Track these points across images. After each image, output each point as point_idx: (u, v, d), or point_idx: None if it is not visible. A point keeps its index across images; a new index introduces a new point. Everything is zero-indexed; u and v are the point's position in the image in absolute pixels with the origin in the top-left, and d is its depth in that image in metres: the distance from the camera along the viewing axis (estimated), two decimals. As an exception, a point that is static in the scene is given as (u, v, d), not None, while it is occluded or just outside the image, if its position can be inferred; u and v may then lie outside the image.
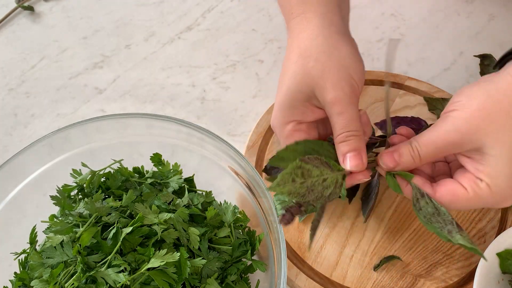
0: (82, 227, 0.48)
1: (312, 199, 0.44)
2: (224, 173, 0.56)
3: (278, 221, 0.44)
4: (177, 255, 0.46)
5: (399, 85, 0.70)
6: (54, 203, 0.52)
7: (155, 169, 0.57)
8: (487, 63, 0.72)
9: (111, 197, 0.52)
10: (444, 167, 0.49)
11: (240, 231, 0.54)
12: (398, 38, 0.62)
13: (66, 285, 0.45)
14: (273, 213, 0.49)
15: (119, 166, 0.56)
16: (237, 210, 0.53)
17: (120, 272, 0.45)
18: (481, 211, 0.59)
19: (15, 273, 0.50)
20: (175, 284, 0.46)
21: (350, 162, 0.45)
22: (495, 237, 0.56)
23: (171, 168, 0.56)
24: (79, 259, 0.46)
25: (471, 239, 0.57)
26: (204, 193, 0.56)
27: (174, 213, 0.50)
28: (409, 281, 0.55)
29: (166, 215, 0.49)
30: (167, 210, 0.51)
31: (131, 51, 0.77)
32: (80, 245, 0.47)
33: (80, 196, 0.54)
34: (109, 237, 0.47)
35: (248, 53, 0.76)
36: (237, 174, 0.55)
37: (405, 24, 0.79)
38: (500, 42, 0.76)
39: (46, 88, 0.73)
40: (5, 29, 0.80)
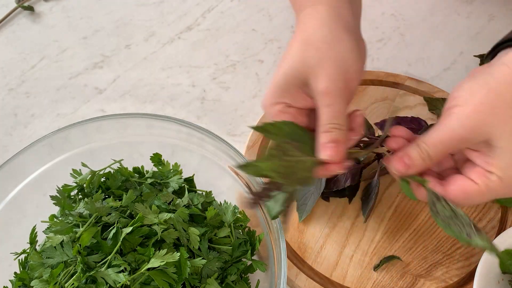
0: (82, 227, 0.48)
1: (288, 182, 0.44)
2: (224, 173, 0.56)
3: (246, 205, 0.43)
4: (177, 255, 0.46)
5: (399, 85, 0.70)
6: (54, 203, 0.52)
7: (155, 169, 0.57)
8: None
9: (111, 197, 0.52)
10: (449, 161, 0.49)
11: (240, 231, 0.54)
12: (395, 116, 0.65)
13: (66, 285, 0.45)
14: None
15: (119, 166, 0.56)
16: (237, 210, 0.53)
17: (120, 272, 0.45)
18: (481, 211, 0.59)
19: (15, 273, 0.50)
20: (175, 284, 0.46)
21: (325, 151, 0.45)
22: (495, 237, 0.56)
23: (171, 168, 0.56)
24: (79, 259, 0.46)
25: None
26: (204, 193, 0.56)
27: (174, 213, 0.50)
28: (409, 281, 0.55)
29: (166, 215, 0.49)
30: (167, 210, 0.51)
31: (131, 51, 0.77)
32: (80, 245, 0.47)
33: (80, 196, 0.54)
34: (109, 237, 0.47)
35: (248, 53, 0.76)
36: (237, 174, 0.55)
37: (405, 24, 0.79)
38: (500, 42, 0.76)
39: (46, 88, 0.73)
40: (5, 29, 0.80)
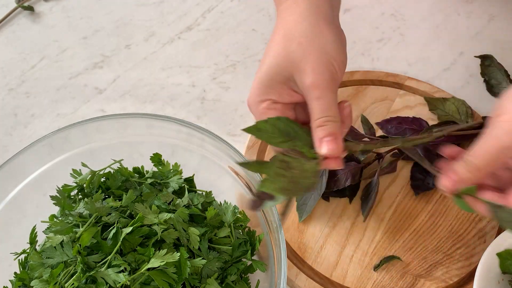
0: (82, 227, 0.48)
1: (297, 193, 0.44)
2: (224, 173, 0.56)
3: (249, 206, 0.43)
4: (177, 255, 0.46)
5: (399, 85, 0.70)
6: (54, 203, 0.52)
7: (155, 169, 0.57)
8: (487, 64, 0.72)
9: (111, 197, 0.52)
10: (509, 175, 0.48)
11: (240, 231, 0.54)
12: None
13: (66, 285, 0.45)
14: (273, 213, 0.49)
15: (119, 166, 0.56)
16: (237, 210, 0.53)
17: (120, 272, 0.45)
18: (481, 211, 0.60)
19: (15, 273, 0.50)
20: (175, 284, 0.46)
21: (326, 146, 0.45)
22: (495, 237, 0.56)
23: (171, 168, 0.56)
24: (79, 259, 0.46)
25: (471, 239, 0.58)
26: (204, 193, 0.56)
27: (174, 213, 0.50)
28: (409, 281, 0.55)
29: (166, 215, 0.49)
30: (167, 210, 0.51)
31: (131, 51, 0.77)
32: (80, 245, 0.47)
33: (80, 196, 0.54)
34: (109, 237, 0.47)
35: (248, 53, 0.76)
36: (237, 174, 0.55)
37: (405, 24, 0.79)
38: (500, 42, 0.76)
39: (46, 88, 0.73)
40: (5, 29, 0.80)
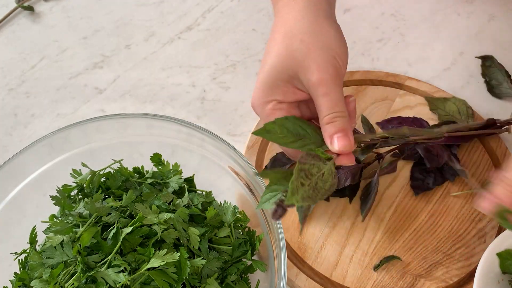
0: (82, 227, 0.48)
1: (319, 198, 0.43)
2: (224, 173, 0.56)
3: (271, 216, 0.43)
4: (177, 255, 0.46)
5: (399, 85, 0.70)
6: (54, 203, 0.52)
7: (155, 169, 0.57)
8: (488, 64, 0.72)
9: (111, 197, 0.52)
10: None
11: (240, 231, 0.54)
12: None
13: (66, 285, 0.45)
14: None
15: (119, 166, 0.56)
16: (237, 210, 0.53)
17: (120, 272, 0.45)
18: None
19: (15, 273, 0.50)
20: (175, 284, 0.46)
21: (338, 143, 0.44)
22: (495, 237, 0.56)
23: (171, 168, 0.56)
24: (79, 259, 0.46)
25: (471, 239, 0.58)
26: (204, 193, 0.56)
27: (174, 213, 0.50)
28: (409, 281, 0.55)
29: (166, 215, 0.49)
30: (167, 210, 0.51)
31: (131, 51, 0.77)
32: (80, 245, 0.47)
33: (80, 196, 0.54)
34: (109, 237, 0.47)
35: (248, 53, 0.76)
36: (237, 174, 0.55)
37: (405, 24, 0.79)
38: (500, 42, 0.76)
39: (46, 88, 0.73)
40: (5, 29, 0.80)
